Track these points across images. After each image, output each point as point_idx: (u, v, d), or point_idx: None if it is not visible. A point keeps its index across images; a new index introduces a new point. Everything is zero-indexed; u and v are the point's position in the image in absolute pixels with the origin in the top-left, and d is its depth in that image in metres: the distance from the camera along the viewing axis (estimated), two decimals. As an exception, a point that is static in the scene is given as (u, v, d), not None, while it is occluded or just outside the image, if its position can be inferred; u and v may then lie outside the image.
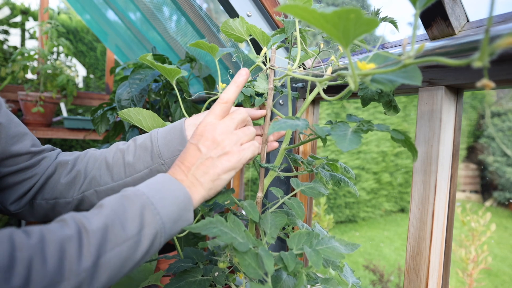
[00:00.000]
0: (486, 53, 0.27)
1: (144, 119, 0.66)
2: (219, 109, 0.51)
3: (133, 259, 0.40)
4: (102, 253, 0.37)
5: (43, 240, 0.35)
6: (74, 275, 0.35)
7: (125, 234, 0.39)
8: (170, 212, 0.43)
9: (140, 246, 0.40)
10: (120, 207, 0.41)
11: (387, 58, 0.39)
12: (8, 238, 0.34)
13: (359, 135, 0.42)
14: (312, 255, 0.47)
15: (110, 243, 0.38)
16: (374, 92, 0.56)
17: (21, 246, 0.34)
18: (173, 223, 0.44)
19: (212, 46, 0.66)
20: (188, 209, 0.45)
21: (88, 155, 0.63)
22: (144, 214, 0.41)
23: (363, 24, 0.31)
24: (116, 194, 0.44)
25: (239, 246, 0.43)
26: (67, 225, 0.38)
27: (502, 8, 0.52)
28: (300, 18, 0.32)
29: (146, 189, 0.44)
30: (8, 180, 0.59)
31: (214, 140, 0.49)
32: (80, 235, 0.37)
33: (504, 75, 0.49)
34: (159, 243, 0.43)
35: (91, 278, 0.36)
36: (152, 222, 0.42)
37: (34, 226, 0.37)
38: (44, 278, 0.33)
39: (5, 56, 2.64)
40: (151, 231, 0.41)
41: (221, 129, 0.50)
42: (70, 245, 0.36)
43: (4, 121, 0.57)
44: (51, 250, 0.34)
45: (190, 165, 0.48)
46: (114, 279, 0.39)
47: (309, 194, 0.60)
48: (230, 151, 0.49)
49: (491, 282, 3.20)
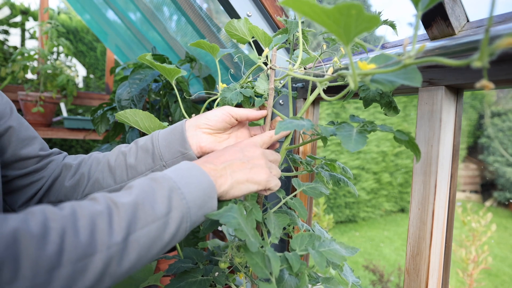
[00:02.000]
0: (486, 54, 0.27)
1: (141, 120, 0.66)
2: (261, 140, 0.58)
3: (161, 241, 0.41)
4: (132, 231, 0.38)
5: (74, 214, 0.36)
6: (106, 248, 0.35)
7: (154, 214, 0.40)
8: (196, 197, 0.44)
9: (168, 228, 0.41)
10: (149, 189, 0.42)
11: (388, 59, 0.39)
12: (40, 210, 0.35)
13: (364, 135, 0.42)
14: (316, 257, 0.48)
15: (140, 221, 0.39)
16: (375, 93, 0.56)
17: (54, 217, 0.34)
18: (198, 208, 0.44)
19: (213, 46, 0.66)
20: (212, 197, 0.46)
21: (91, 158, 0.64)
22: (172, 197, 0.42)
23: (365, 20, 0.31)
24: (144, 177, 0.45)
25: (250, 246, 0.43)
26: (98, 202, 0.39)
27: (502, 8, 0.52)
28: (302, 13, 0.32)
29: (173, 174, 0.45)
30: (17, 183, 0.59)
31: (255, 153, 0.53)
32: (110, 210, 0.38)
33: (503, 75, 0.49)
34: (185, 228, 0.44)
35: (121, 254, 0.37)
36: (179, 206, 0.42)
37: (65, 203, 0.38)
38: (77, 249, 0.33)
39: (5, 56, 2.64)
40: (178, 215, 0.42)
41: (262, 151, 0.55)
42: (100, 220, 0.36)
43: (15, 124, 0.58)
44: (82, 223, 0.35)
45: (225, 160, 0.50)
46: (142, 259, 0.40)
47: (310, 194, 0.60)
48: (264, 170, 0.52)
49: (491, 282, 3.20)
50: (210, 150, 0.59)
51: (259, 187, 0.52)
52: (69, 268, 0.33)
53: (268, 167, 0.53)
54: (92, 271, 0.34)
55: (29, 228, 0.32)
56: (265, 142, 0.58)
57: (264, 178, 0.52)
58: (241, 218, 0.46)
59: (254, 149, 0.54)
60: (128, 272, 0.39)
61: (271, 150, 0.58)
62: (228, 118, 0.60)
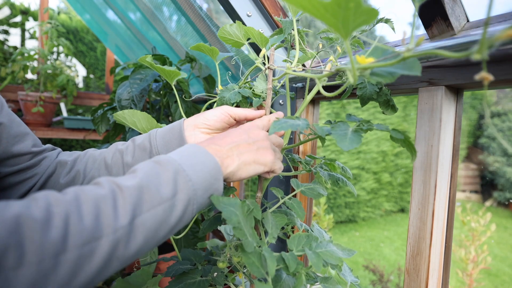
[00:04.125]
0: (485, 46, 0.27)
1: (138, 121, 0.66)
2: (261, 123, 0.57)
3: (168, 224, 0.41)
4: (138, 213, 0.38)
5: (78, 198, 0.35)
6: (112, 232, 0.35)
7: (160, 196, 0.40)
8: (202, 179, 0.44)
9: (175, 211, 0.41)
10: (153, 171, 0.41)
11: (385, 51, 0.38)
12: (43, 196, 0.34)
13: (359, 134, 0.42)
14: (313, 257, 0.48)
15: (146, 204, 0.38)
16: (372, 91, 0.56)
17: (57, 202, 0.34)
18: (204, 191, 0.44)
19: (212, 49, 0.66)
20: (218, 178, 0.46)
21: (87, 155, 0.63)
22: (177, 179, 0.42)
23: (363, 13, 0.31)
24: (148, 160, 0.44)
25: (246, 245, 0.43)
26: (102, 186, 0.38)
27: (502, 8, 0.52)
28: (300, 8, 0.32)
29: (177, 156, 0.44)
30: (9, 180, 0.59)
31: (259, 136, 0.53)
32: (114, 194, 0.37)
33: (503, 75, 0.49)
34: (191, 211, 0.43)
35: (128, 237, 0.37)
36: (185, 188, 0.42)
37: (68, 188, 0.37)
38: (82, 234, 0.33)
39: (5, 56, 2.64)
40: (184, 197, 0.42)
41: (266, 134, 0.54)
42: (105, 204, 0.36)
43: (6, 121, 0.57)
44: (86, 208, 0.35)
45: (231, 141, 0.50)
46: (149, 243, 0.39)
47: (309, 195, 0.60)
48: (270, 151, 0.52)
49: (491, 282, 3.20)
50: None
51: (265, 168, 0.52)
52: (75, 252, 0.32)
53: (273, 149, 0.54)
54: (99, 255, 0.34)
55: (32, 213, 0.32)
56: (265, 126, 0.58)
57: (270, 159, 0.52)
58: (242, 216, 0.46)
59: (259, 131, 0.54)
60: (136, 255, 0.39)
61: (274, 134, 0.58)
62: (226, 118, 0.60)
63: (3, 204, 0.32)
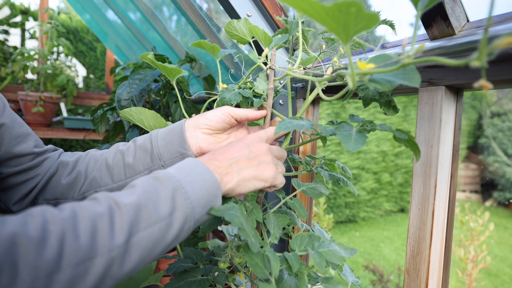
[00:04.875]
0: (484, 53, 0.27)
1: (146, 119, 0.66)
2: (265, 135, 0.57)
3: (164, 242, 0.40)
4: (135, 232, 0.37)
5: (75, 216, 0.35)
6: (107, 251, 0.35)
7: (157, 215, 0.39)
8: (200, 196, 0.43)
9: (171, 229, 0.41)
10: (152, 189, 0.41)
11: (387, 59, 0.39)
12: (40, 212, 0.34)
13: (364, 135, 0.42)
14: (316, 257, 0.48)
15: (142, 223, 0.38)
16: (375, 92, 0.56)
17: (53, 220, 0.34)
18: (201, 208, 0.44)
19: (214, 46, 0.66)
20: (217, 195, 0.46)
21: (89, 156, 0.63)
22: (176, 197, 0.41)
23: (364, 18, 0.31)
24: (147, 176, 0.44)
25: (252, 246, 0.43)
26: (99, 203, 0.38)
27: (502, 8, 0.52)
28: (301, 11, 0.32)
29: (177, 172, 0.44)
30: (11, 181, 0.59)
31: (261, 149, 0.52)
32: (111, 212, 0.37)
33: (503, 75, 0.49)
34: (188, 228, 0.43)
35: (123, 256, 0.36)
36: (183, 206, 0.42)
37: (66, 204, 0.37)
38: (77, 253, 0.33)
39: (5, 56, 2.64)
40: (182, 215, 0.41)
41: (268, 147, 0.54)
42: (102, 222, 0.36)
43: (8, 121, 0.57)
44: (83, 226, 0.34)
45: (231, 157, 0.50)
46: (144, 260, 0.39)
47: (310, 194, 0.60)
48: (270, 167, 0.52)
49: (490, 282, 3.21)
50: (209, 150, 0.59)
51: (265, 184, 0.51)
52: (68, 272, 0.32)
53: (274, 164, 0.53)
54: (93, 274, 0.34)
55: (28, 232, 0.31)
56: (270, 137, 0.57)
57: (271, 175, 0.51)
58: (242, 218, 0.46)
59: (260, 145, 0.53)
60: (129, 274, 0.38)
61: (276, 146, 0.57)
62: (228, 119, 0.60)
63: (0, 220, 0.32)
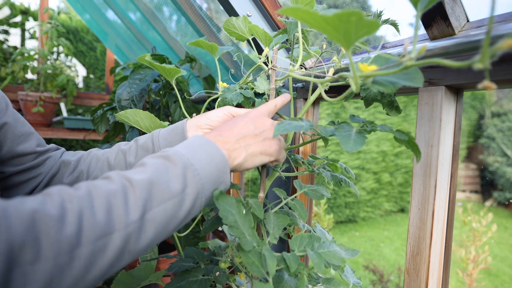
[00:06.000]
0: (487, 55, 0.27)
1: (141, 120, 0.66)
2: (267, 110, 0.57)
3: (177, 218, 0.41)
4: (149, 208, 0.38)
5: (90, 194, 0.36)
6: (124, 227, 0.36)
7: (169, 191, 0.40)
8: (209, 173, 0.44)
9: (184, 205, 0.42)
10: (163, 167, 0.42)
11: (388, 60, 0.39)
12: (57, 192, 0.35)
13: (363, 135, 0.42)
14: (315, 258, 0.48)
15: (156, 199, 0.39)
16: (377, 92, 0.56)
17: (70, 198, 0.35)
18: (211, 184, 0.45)
19: (212, 45, 0.66)
20: (225, 171, 0.46)
21: (91, 155, 0.63)
22: (186, 174, 0.42)
23: (364, 26, 0.31)
24: (155, 154, 0.45)
25: (245, 244, 0.43)
26: (112, 181, 0.39)
27: (502, 8, 0.53)
28: (302, 21, 0.33)
29: (185, 150, 0.45)
30: (13, 180, 0.59)
31: (266, 125, 0.53)
32: (125, 189, 0.38)
33: (504, 75, 0.49)
34: (200, 204, 0.44)
35: (139, 231, 0.37)
36: (193, 182, 0.43)
37: (81, 182, 0.38)
38: (95, 228, 0.34)
39: (5, 56, 2.64)
40: (193, 191, 0.42)
41: (272, 123, 0.54)
42: (116, 199, 0.37)
43: (10, 120, 0.58)
44: (98, 203, 0.36)
45: (238, 133, 0.50)
46: (159, 236, 0.40)
47: (312, 196, 0.60)
48: (275, 142, 0.53)
49: (491, 282, 3.20)
50: None
51: (271, 158, 0.53)
52: (89, 247, 0.33)
53: (278, 139, 0.54)
54: (112, 249, 0.35)
55: (47, 209, 0.32)
56: (271, 111, 0.58)
57: (276, 149, 0.52)
58: (238, 216, 0.46)
59: (265, 120, 0.54)
60: (146, 248, 0.39)
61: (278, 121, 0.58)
62: (229, 118, 0.60)
63: (19, 200, 0.32)
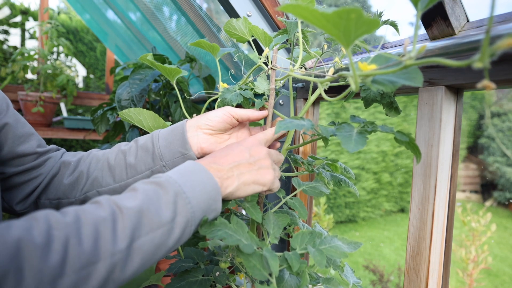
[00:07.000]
0: (487, 55, 0.27)
1: (144, 119, 0.66)
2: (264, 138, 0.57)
3: (165, 246, 0.41)
4: (137, 237, 0.38)
5: (78, 221, 0.35)
6: (109, 255, 0.35)
7: (159, 220, 0.40)
8: (201, 201, 0.44)
9: (173, 234, 0.41)
10: (154, 194, 0.41)
11: (388, 59, 0.39)
12: (44, 217, 0.34)
13: (364, 136, 0.42)
14: (316, 255, 0.47)
15: (144, 228, 0.38)
16: (376, 93, 0.56)
17: (57, 225, 0.34)
18: (202, 212, 0.44)
19: (213, 46, 0.66)
20: (217, 200, 0.46)
21: (91, 156, 0.63)
22: (177, 202, 0.42)
23: (364, 24, 0.31)
24: (147, 179, 0.44)
25: (244, 248, 0.43)
26: (102, 207, 0.38)
27: (502, 8, 0.53)
28: (301, 18, 0.32)
29: (177, 176, 0.44)
30: (14, 180, 0.59)
31: (261, 154, 0.52)
32: (114, 216, 0.37)
33: (503, 75, 0.49)
34: (189, 232, 0.43)
35: (125, 261, 0.37)
36: (184, 210, 0.42)
37: (69, 207, 0.37)
38: (80, 257, 0.33)
39: (5, 56, 2.64)
40: (183, 220, 0.42)
41: (268, 152, 0.54)
42: (104, 227, 0.36)
43: (11, 121, 0.58)
44: (86, 231, 0.35)
45: (232, 161, 0.50)
46: (146, 264, 0.40)
47: (310, 193, 0.60)
48: (270, 171, 0.52)
49: (491, 282, 3.20)
50: (210, 151, 0.59)
51: (264, 188, 0.52)
52: (72, 276, 0.32)
53: (273, 169, 0.53)
54: (95, 279, 0.34)
55: (33, 237, 0.32)
56: (268, 140, 0.58)
57: (270, 179, 0.52)
58: (228, 227, 0.45)
59: (260, 149, 0.53)
60: (131, 277, 0.39)
61: (275, 150, 0.57)
62: (229, 119, 0.60)
63: (4, 225, 0.32)
